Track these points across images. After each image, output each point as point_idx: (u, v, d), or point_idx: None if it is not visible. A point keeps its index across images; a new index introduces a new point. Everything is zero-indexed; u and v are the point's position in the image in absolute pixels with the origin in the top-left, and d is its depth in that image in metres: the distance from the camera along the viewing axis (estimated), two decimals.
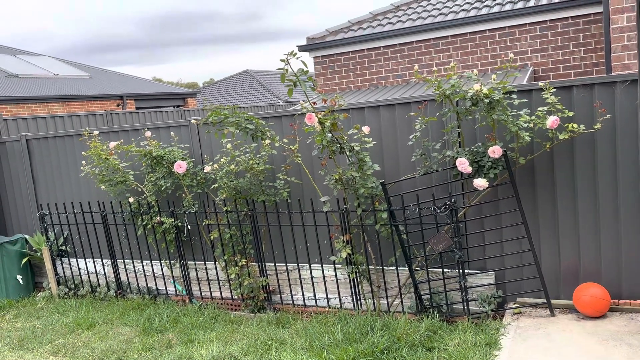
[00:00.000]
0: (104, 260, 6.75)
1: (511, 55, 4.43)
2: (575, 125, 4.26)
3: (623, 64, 6.07)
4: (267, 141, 5.09)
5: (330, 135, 4.65)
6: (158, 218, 6.04)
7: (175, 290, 6.32)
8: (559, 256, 4.77)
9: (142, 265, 6.35)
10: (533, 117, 4.32)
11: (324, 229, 5.44)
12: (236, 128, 4.94)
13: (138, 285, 6.49)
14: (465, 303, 4.80)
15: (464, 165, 4.30)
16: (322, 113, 4.61)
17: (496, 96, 4.10)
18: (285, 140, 5.39)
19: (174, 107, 24.06)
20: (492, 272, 4.97)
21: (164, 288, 6.39)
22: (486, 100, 4.13)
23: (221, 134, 5.15)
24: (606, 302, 4.43)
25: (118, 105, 21.48)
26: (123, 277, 6.64)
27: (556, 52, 8.11)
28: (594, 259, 4.64)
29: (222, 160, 5.38)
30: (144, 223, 6.18)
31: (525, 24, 8.57)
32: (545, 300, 4.70)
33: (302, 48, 10.25)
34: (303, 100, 4.79)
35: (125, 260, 6.57)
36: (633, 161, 4.39)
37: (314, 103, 4.59)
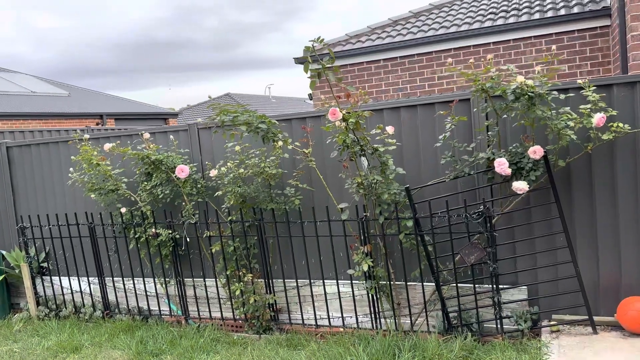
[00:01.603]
0: (90, 278, 6.14)
1: (553, 47, 4.13)
2: (620, 125, 3.94)
3: None
4: (280, 143, 4.65)
5: (352, 134, 4.25)
6: (153, 230, 5.51)
7: (170, 310, 5.75)
8: (597, 268, 4.39)
9: (133, 283, 5.78)
10: (574, 116, 3.99)
11: (339, 240, 4.98)
12: (247, 128, 4.51)
13: (128, 305, 5.89)
14: (499, 320, 4.37)
15: (503, 166, 3.93)
16: (346, 110, 4.22)
17: (542, 90, 3.77)
18: (297, 143, 4.97)
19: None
20: (525, 287, 4.57)
21: (157, 308, 5.81)
22: (530, 95, 3.78)
23: (230, 135, 4.70)
24: None
25: (97, 124, 20.84)
26: (111, 297, 6.04)
27: (562, 66, 7.91)
28: (637, 271, 4.28)
29: (228, 164, 4.92)
30: (137, 236, 5.64)
31: (531, 36, 8.40)
32: (586, 317, 4.30)
33: (298, 60, 9.93)
34: (323, 97, 4.39)
35: (114, 278, 5.99)
36: None
37: (338, 97, 4.20)
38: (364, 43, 9.63)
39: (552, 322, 4.39)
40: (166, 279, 5.71)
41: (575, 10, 8.10)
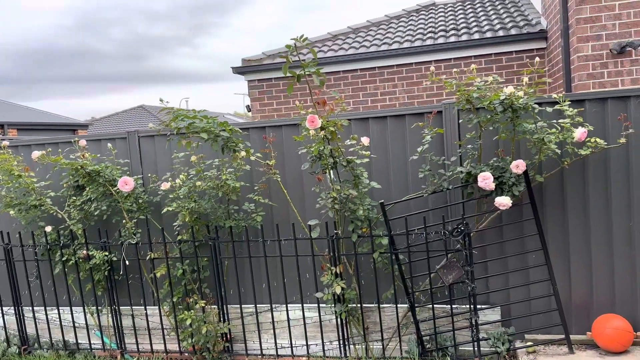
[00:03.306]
0: (5, 308, 5.25)
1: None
2: (598, 140, 3.90)
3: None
4: (242, 153, 4.20)
5: (328, 144, 3.90)
6: (85, 251, 4.79)
7: (103, 343, 5.01)
8: (570, 286, 4.33)
9: (59, 313, 4.99)
10: (556, 130, 3.91)
11: (304, 261, 4.58)
12: (208, 135, 4.02)
13: (51, 339, 5.08)
14: (476, 343, 4.15)
15: (488, 181, 3.74)
16: (322, 118, 3.87)
17: (531, 102, 3.64)
18: (258, 154, 4.54)
19: None
20: (498, 307, 4.41)
21: (87, 341, 5.05)
22: (516, 107, 3.64)
23: (185, 143, 4.17)
24: (631, 334, 4.03)
25: None
26: (30, 329, 5.19)
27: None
28: (608, 288, 4.26)
29: (181, 176, 4.38)
30: (64, 258, 4.88)
31: (471, 56, 8.54)
32: (562, 336, 4.20)
33: (236, 70, 9.45)
34: (299, 102, 4.01)
35: (35, 307, 5.15)
36: None
37: (318, 103, 3.84)
38: (305, 56, 9.35)
39: (528, 343, 4.25)
40: (98, 308, 4.98)
41: (513, 32, 8.35)
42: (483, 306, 4.35)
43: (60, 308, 5.08)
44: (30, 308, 5.14)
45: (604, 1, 6.06)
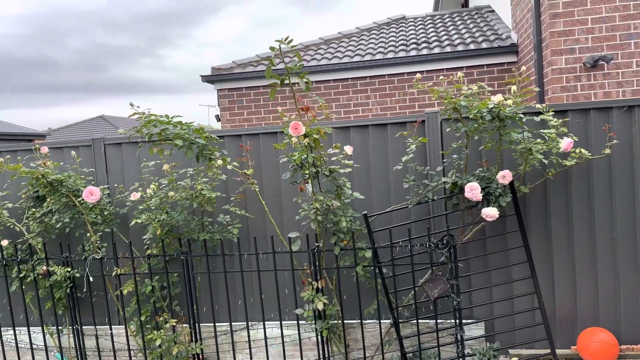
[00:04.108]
0: None
1: (523, 68, 3.99)
2: (583, 151, 3.86)
3: None
4: (219, 162, 3.98)
5: (311, 153, 3.73)
6: (44, 267, 4.45)
7: None
8: (553, 300, 4.26)
9: (14, 334, 4.60)
10: (539, 140, 3.84)
11: (282, 275, 4.36)
12: (183, 142, 3.78)
13: None
14: (461, 359, 4.01)
15: (475, 191, 3.63)
16: (305, 125, 3.70)
17: (519, 111, 3.56)
18: (235, 163, 4.32)
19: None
20: (482, 322, 4.30)
21: None
22: (506, 115, 3.56)
23: (157, 151, 3.92)
24: (616, 348, 3.97)
25: None
26: None
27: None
28: (592, 301, 4.20)
29: (152, 186, 4.11)
30: (21, 275, 4.52)
31: (443, 69, 8.56)
32: (548, 351, 4.11)
33: (205, 78, 9.20)
34: (280, 108, 3.84)
35: None
36: (628, 191, 4.11)
37: (302, 110, 3.67)
38: (277, 65, 9.18)
39: (513, 359, 4.14)
40: (59, 328, 4.63)
41: (484, 45, 8.41)
42: (468, 321, 4.22)
43: (16, 328, 4.69)
44: None
45: (577, 15, 6.13)
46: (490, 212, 3.66)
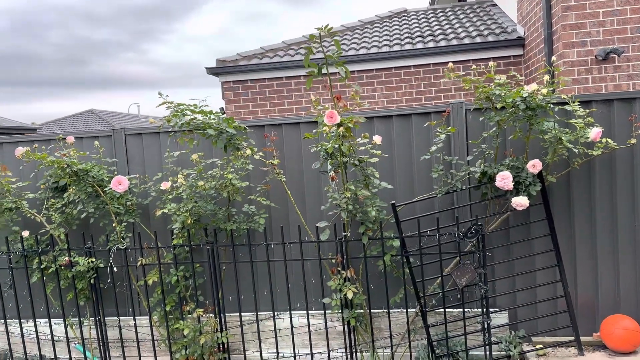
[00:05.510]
0: None
1: (554, 57, 4.03)
2: (610, 141, 3.91)
3: None
4: (248, 152, 3.97)
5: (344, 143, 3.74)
6: (67, 258, 4.41)
7: (85, 357, 4.62)
8: (575, 287, 4.32)
9: (35, 325, 4.56)
10: (567, 129, 3.89)
11: (309, 265, 4.38)
12: (214, 132, 3.77)
13: (25, 354, 4.64)
14: (488, 347, 4.06)
15: (507, 180, 3.67)
16: (340, 112, 3.70)
17: (553, 100, 3.60)
18: (261, 153, 4.31)
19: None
20: (506, 311, 4.35)
21: (68, 356, 4.65)
22: (537, 104, 3.60)
23: (188, 140, 3.91)
24: None
25: None
26: (2, 343, 4.73)
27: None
28: (613, 288, 4.27)
29: (180, 175, 4.09)
30: (42, 266, 4.48)
31: (448, 62, 8.58)
32: (571, 338, 4.17)
33: (210, 71, 9.15)
34: (315, 97, 3.84)
35: (8, 320, 4.71)
36: None
37: (337, 98, 3.67)
38: (283, 57, 9.17)
39: (538, 346, 4.20)
40: (81, 319, 4.60)
41: (490, 39, 8.46)
42: (493, 309, 4.27)
43: (36, 320, 4.65)
44: (2, 321, 4.69)
45: (588, 8, 6.19)
46: (520, 201, 3.70)
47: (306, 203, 4.51)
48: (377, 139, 3.97)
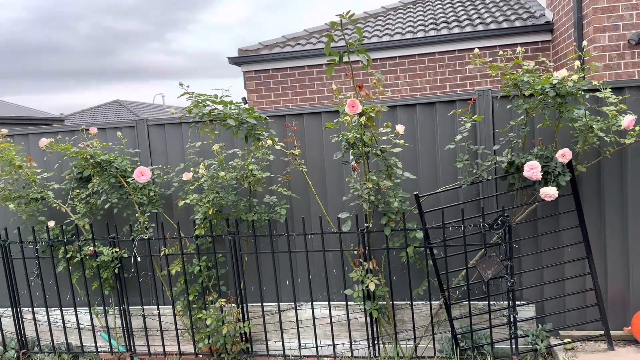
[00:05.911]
0: (1, 310, 4.88)
1: (584, 42, 3.88)
2: None
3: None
4: (269, 142, 3.93)
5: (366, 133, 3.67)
6: (92, 248, 4.46)
7: (110, 346, 4.69)
8: (605, 281, 4.19)
9: (61, 313, 4.64)
10: (598, 117, 3.75)
11: (330, 256, 4.34)
12: (235, 122, 3.74)
13: (52, 342, 4.73)
14: (514, 340, 3.98)
15: (535, 170, 3.56)
16: (362, 101, 3.63)
17: (584, 87, 3.46)
18: (282, 143, 4.27)
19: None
20: (532, 304, 4.25)
21: (94, 344, 4.72)
22: (567, 91, 3.47)
23: (209, 131, 3.89)
24: None
25: None
26: (30, 332, 4.84)
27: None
28: None
29: (201, 166, 4.09)
30: (68, 256, 4.55)
31: (474, 48, 8.38)
32: (601, 332, 4.06)
33: (232, 60, 9.13)
34: (336, 85, 3.78)
35: (35, 309, 4.80)
36: None
37: (359, 86, 3.60)
38: (305, 46, 9.10)
39: (566, 340, 4.10)
40: (106, 308, 4.66)
41: (517, 24, 8.24)
42: (519, 302, 4.17)
43: (63, 309, 4.73)
44: (30, 309, 4.78)
45: None
46: (549, 192, 3.59)
47: (327, 194, 4.46)
48: (400, 128, 3.89)
